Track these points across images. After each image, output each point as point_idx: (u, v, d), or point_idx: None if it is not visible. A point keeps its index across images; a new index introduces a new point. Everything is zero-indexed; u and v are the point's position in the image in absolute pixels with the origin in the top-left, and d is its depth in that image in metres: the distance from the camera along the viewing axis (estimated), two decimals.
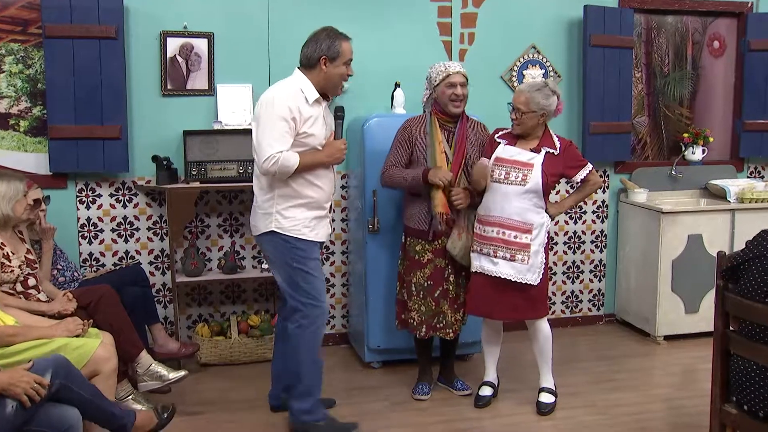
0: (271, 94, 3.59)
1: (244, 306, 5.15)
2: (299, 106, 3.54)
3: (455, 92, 4.08)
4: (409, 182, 4.13)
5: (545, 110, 3.97)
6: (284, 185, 3.61)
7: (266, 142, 3.49)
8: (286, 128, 3.50)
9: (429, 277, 4.21)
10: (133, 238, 4.89)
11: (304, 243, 3.65)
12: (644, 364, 4.96)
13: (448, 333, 4.24)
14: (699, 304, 5.33)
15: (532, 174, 3.92)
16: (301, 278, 3.65)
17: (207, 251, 5.02)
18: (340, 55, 3.63)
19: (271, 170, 3.51)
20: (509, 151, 4.01)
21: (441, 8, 5.23)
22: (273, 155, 3.47)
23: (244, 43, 4.90)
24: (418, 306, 4.24)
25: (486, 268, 4.03)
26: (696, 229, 5.29)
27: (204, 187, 4.68)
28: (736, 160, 5.97)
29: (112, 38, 4.55)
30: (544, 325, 4.15)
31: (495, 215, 3.99)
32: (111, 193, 4.82)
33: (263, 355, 4.85)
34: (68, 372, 2.99)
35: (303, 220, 3.64)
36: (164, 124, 4.81)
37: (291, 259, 3.64)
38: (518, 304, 4.03)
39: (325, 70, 3.62)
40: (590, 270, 5.77)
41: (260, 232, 3.71)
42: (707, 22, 5.86)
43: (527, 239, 3.95)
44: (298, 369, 3.73)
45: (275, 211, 3.63)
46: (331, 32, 3.66)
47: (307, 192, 3.64)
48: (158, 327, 4.53)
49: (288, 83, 3.65)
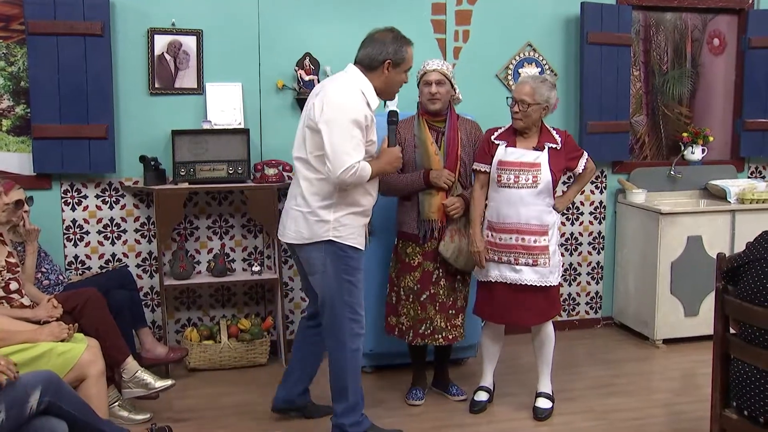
0: (341, 97, 3.42)
1: (233, 309, 5.11)
2: (369, 114, 3.44)
3: (430, 90, 4.05)
4: (406, 185, 4.09)
5: (548, 103, 3.94)
6: (345, 193, 3.48)
7: (343, 151, 3.33)
8: (360, 136, 3.38)
9: (418, 281, 4.16)
10: (120, 241, 4.86)
11: (357, 252, 3.57)
12: (643, 369, 4.94)
13: (438, 339, 4.18)
14: (699, 307, 5.31)
15: (541, 174, 3.89)
16: (347, 291, 3.56)
17: (196, 254, 4.98)
18: (405, 62, 3.55)
19: (348, 181, 3.36)
20: (513, 153, 3.96)
21: (435, 5, 5.20)
22: (353, 165, 3.32)
23: (234, 41, 4.86)
24: (407, 311, 4.20)
25: (508, 276, 3.98)
26: (696, 231, 5.27)
27: (193, 188, 4.65)
28: (736, 159, 5.95)
29: (98, 35, 4.52)
30: (550, 327, 4.14)
31: (512, 221, 3.94)
32: (97, 194, 4.78)
33: (254, 360, 4.83)
34: (58, 389, 2.96)
35: (357, 228, 3.56)
36: (152, 124, 4.77)
37: (342, 270, 3.53)
38: (542, 307, 4.02)
39: (387, 74, 3.51)
40: (588, 272, 5.75)
41: (309, 240, 3.53)
42: (707, 18, 5.84)
43: (545, 241, 3.93)
44: (344, 385, 3.65)
45: (333, 219, 3.49)
46: (399, 36, 3.55)
47: (363, 200, 3.56)
48: (146, 331, 4.51)
49: (349, 83, 3.49)
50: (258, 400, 4.33)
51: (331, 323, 3.63)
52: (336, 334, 3.62)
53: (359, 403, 3.73)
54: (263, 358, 4.86)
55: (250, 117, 4.89)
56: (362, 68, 3.53)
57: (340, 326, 3.59)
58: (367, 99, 3.46)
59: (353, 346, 3.62)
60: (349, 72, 3.55)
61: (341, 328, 3.59)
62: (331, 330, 3.64)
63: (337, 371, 3.66)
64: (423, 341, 4.19)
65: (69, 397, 3.01)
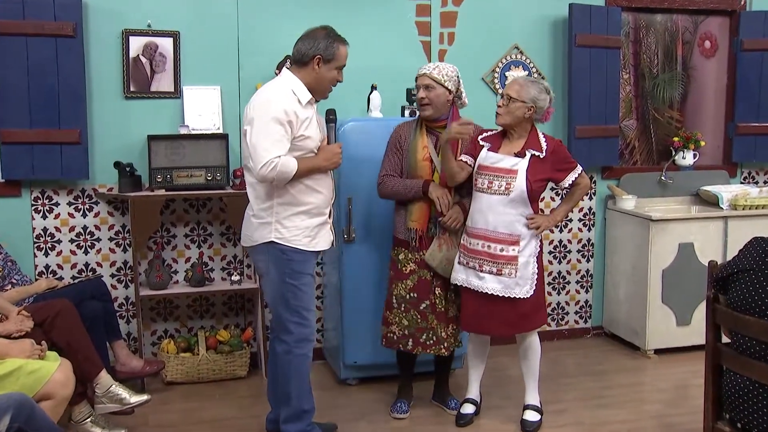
0: (264, 96, 3.57)
1: (212, 320, 5.09)
2: (294, 109, 3.52)
3: (419, 95, 4.08)
4: (407, 192, 4.11)
5: (535, 105, 3.91)
6: (283, 192, 3.57)
7: (262, 147, 3.45)
8: (282, 132, 3.47)
9: (412, 290, 4.16)
10: (93, 250, 4.83)
11: (301, 254, 3.62)
12: (634, 380, 4.95)
13: (441, 349, 4.18)
14: (691, 316, 5.33)
15: (515, 182, 3.87)
16: (291, 294, 3.62)
17: (173, 263, 4.96)
18: (335, 59, 3.63)
19: (269, 176, 3.46)
20: (491, 158, 3.96)
21: (419, 6, 5.21)
22: (271, 160, 3.43)
23: (213, 43, 4.86)
24: (399, 319, 4.20)
25: (472, 283, 3.98)
26: (687, 238, 5.29)
27: (170, 195, 4.64)
28: (728, 165, 5.97)
29: (70, 36, 4.49)
30: (534, 338, 4.13)
31: (480, 227, 3.95)
32: (69, 201, 4.75)
33: (233, 373, 4.82)
34: (31, 414, 2.89)
35: (304, 229, 3.62)
36: (127, 129, 4.76)
37: (284, 273, 3.60)
38: (510, 318, 3.98)
39: (317, 70, 3.61)
40: (577, 281, 5.77)
41: (256, 242, 3.66)
42: (698, 20, 5.87)
43: (514, 251, 3.90)
44: (287, 390, 3.70)
45: (275, 221, 3.59)
46: (331, 33, 3.65)
47: (308, 198, 3.62)
48: (120, 344, 4.47)
49: (279, 84, 3.63)
50: (237, 414, 4.32)
51: (277, 327, 3.73)
52: (282, 339, 3.68)
53: (307, 411, 3.75)
54: (243, 371, 4.85)
55: (229, 121, 4.89)
56: (294, 66, 3.67)
57: (286, 331, 3.66)
58: (298, 96, 3.57)
59: (299, 351, 3.67)
60: (282, 74, 3.70)
61: (287, 332, 3.66)
62: (277, 334, 3.72)
63: (283, 376, 3.71)
64: (425, 351, 4.19)
65: (42, 422, 2.95)
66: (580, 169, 4.04)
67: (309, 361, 3.75)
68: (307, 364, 3.73)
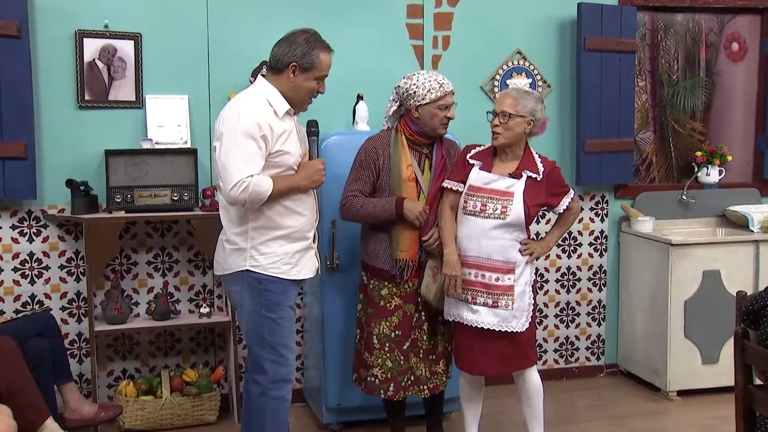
0: (234, 108, 3.52)
1: (178, 358, 5.03)
2: (269, 122, 3.47)
3: (447, 115, 4.01)
4: (378, 213, 4.03)
5: (533, 116, 3.89)
6: (259, 215, 3.52)
7: (232, 166, 3.39)
8: (255, 148, 3.42)
9: (396, 327, 4.10)
10: (41, 279, 4.76)
11: (279, 284, 3.57)
12: (654, 425, 4.91)
13: (423, 391, 4.15)
14: (718, 353, 5.28)
15: (512, 205, 3.85)
16: (267, 329, 3.57)
17: (134, 293, 4.91)
18: (315, 68, 3.57)
19: (240, 198, 3.40)
20: (484, 178, 3.93)
21: (411, 7, 5.20)
22: (242, 180, 3.37)
23: (179, 47, 4.83)
24: (382, 361, 4.12)
25: (465, 317, 3.94)
26: (713, 264, 5.25)
27: (130, 217, 4.62)
28: (759, 182, 5.95)
29: (14, 36, 4.44)
30: (534, 376, 4.08)
31: (472, 255, 3.91)
32: (13, 224, 4.69)
33: (201, 418, 4.74)
34: None
35: (283, 256, 3.56)
36: (81, 142, 4.72)
37: (260, 304, 3.56)
38: (507, 355, 3.96)
39: (293, 79, 3.56)
40: (588, 312, 5.73)
41: (229, 270, 3.61)
42: (724, 20, 5.87)
43: (510, 281, 3.88)
44: None
45: (250, 246, 3.54)
46: (312, 38, 3.59)
47: (287, 221, 3.56)
48: (70, 387, 4.39)
49: (252, 94, 3.59)
50: None
51: (251, 366, 3.68)
52: (256, 379, 3.63)
53: None
54: (212, 416, 4.77)
55: (197, 135, 4.85)
56: (270, 73, 3.62)
57: (260, 370, 3.61)
58: (274, 107, 3.51)
59: (276, 393, 3.62)
60: (257, 82, 3.65)
61: (262, 372, 3.61)
62: (251, 374, 3.67)
63: (257, 422, 3.66)
64: (407, 394, 4.14)
65: None
66: (573, 193, 4.08)
67: (287, 405, 3.69)
68: (284, 408, 3.68)
